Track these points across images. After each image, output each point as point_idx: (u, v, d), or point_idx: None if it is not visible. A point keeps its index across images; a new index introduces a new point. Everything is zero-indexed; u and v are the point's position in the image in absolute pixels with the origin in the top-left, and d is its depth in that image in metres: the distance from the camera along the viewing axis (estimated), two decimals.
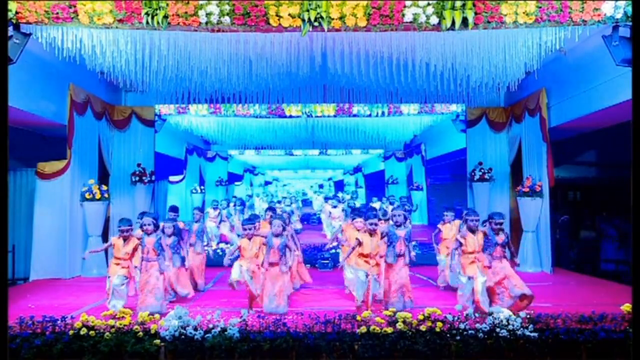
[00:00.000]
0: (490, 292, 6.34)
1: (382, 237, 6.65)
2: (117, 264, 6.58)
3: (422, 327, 5.44)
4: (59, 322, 5.52)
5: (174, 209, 8.08)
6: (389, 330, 5.40)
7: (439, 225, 8.19)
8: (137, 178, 10.83)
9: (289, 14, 5.75)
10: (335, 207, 13.22)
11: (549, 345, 5.34)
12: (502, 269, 6.30)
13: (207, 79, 8.41)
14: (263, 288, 6.48)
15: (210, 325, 5.47)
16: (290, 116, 11.34)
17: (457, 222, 7.74)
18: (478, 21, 5.80)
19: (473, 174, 11.19)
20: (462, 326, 5.46)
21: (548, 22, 5.86)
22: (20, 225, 9.51)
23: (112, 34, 6.68)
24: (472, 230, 6.59)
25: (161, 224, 7.00)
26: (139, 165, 10.89)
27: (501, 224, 6.38)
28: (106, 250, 8.79)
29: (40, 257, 9.06)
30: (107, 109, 10.57)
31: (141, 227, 6.79)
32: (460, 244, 6.55)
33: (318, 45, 7.20)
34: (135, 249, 6.61)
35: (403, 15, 5.73)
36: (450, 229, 7.91)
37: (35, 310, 6.36)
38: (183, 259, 7.24)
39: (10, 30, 5.81)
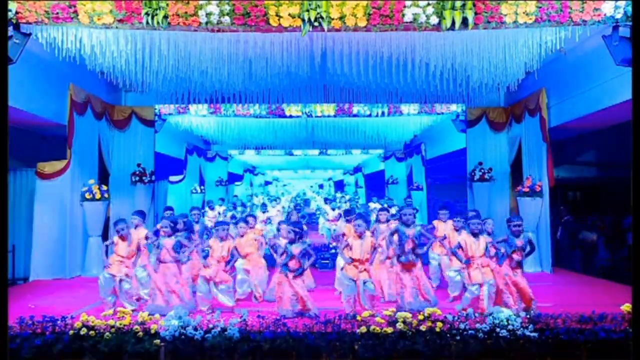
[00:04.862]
0: (497, 293, 6.39)
1: (392, 234, 6.62)
2: (121, 262, 6.61)
3: (422, 327, 5.43)
4: (59, 322, 5.51)
5: (171, 208, 8.21)
6: (389, 330, 5.40)
7: (435, 222, 8.22)
8: (137, 178, 10.83)
9: (289, 14, 5.74)
10: (333, 209, 13.26)
11: (549, 345, 5.34)
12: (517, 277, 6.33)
13: (207, 79, 8.40)
14: (282, 294, 6.37)
15: (210, 325, 5.45)
16: (290, 116, 11.33)
17: (451, 222, 7.79)
18: (478, 21, 5.80)
19: (473, 174, 11.19)
20: (462, 326, 5.45)
21: (548, 22, 5.86)
22: (20, 225, 9.50)
23: (112, 34, 6.68)
24: (474, 234, 6.61)
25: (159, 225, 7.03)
26: (139, 165, 10.89)
27: (519, 225, 6.40)
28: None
29: (40, 257, 9.07)
30: (107, 109, 10.57)
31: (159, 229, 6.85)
32: (460, 246, 6.60)
33: (318, 45, 7.20)
34: (138, 247, 6.68)
35: (403, 15, 5.73)
36: (444, 228, 7.93)
37: (35, 310, 6.35)
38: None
39: (10, 30, 5.81)
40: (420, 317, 5.57)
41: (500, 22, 5.85)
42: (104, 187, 9.65)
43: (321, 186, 31.08)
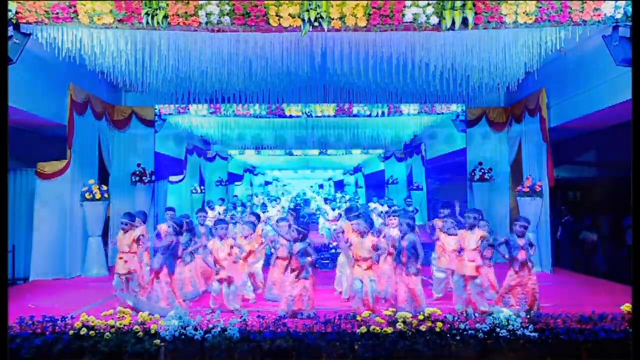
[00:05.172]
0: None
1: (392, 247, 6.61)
2: (121, 258, 6.74)
3: (422, 327, 5.44)
4: (59, 322, 5.51)
5: (172, 209, 8.24)
6: (389, 330, 5.40)
7: (435, 221, 8.21)
8: (137, 178, 10.83)
9: (289, 14, 5.74)
10: (333, 209, 13.28)
11: (549, 345, 5.34)
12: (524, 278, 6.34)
13: (207, 79, 8.41)
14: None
15: (210, 325, 5.46)
16: (290, 116, 11.33)
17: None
18: (478, 21, 5.80)
19: (473, 174, 11.19)
20: (462, 326, 5.46)
21: (548, 22, 5.86)
22: (20, 225, 9.49)
23: (112, 34, 6.68)
24: (471, 227, 6.65)
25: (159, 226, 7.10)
26: (139, 165, 10.89)
27: (525, 227, 6.45)
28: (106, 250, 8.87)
29: (40, 257, 9.05)
30: (107, 109, 10.57)
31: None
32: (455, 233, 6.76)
33: (318, 45, 7.19)
34: (135, 241, 6.73)
35: (403, 15, 5.73)
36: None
37: (35, 310, 6.34)
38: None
39: (10, 30, 5.81)
40: (420, 317, 5.58)
41: (500, 22, 5.84)
42: (104, 187, 9.64)
43: (321, 186, 31.02)
